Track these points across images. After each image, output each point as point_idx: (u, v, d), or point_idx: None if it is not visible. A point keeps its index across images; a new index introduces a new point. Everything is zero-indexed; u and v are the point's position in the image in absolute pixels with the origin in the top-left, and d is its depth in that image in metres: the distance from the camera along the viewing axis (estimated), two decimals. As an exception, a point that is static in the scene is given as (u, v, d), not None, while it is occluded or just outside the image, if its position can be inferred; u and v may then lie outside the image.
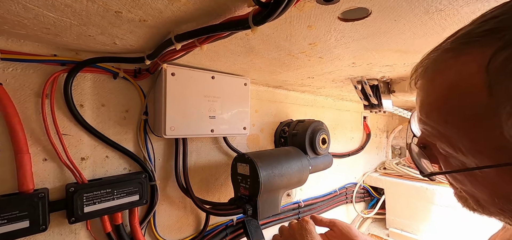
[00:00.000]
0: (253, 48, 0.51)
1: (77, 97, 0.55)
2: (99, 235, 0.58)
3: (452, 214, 1.27)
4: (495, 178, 0.24)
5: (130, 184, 0.58)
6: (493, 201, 0.26)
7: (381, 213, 1.55)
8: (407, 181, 1.42)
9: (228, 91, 0.70)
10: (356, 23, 0.39)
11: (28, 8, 0.33)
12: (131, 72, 0.61)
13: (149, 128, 0.65)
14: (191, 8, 0.34)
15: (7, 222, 0.45)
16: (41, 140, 0.51)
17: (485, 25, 0.22)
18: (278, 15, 0.30)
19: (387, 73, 0.75)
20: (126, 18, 0.37)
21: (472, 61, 0.22)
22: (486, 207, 0.28)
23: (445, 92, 0.25)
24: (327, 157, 0.95)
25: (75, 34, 0.43)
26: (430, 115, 0.27)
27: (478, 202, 0.28)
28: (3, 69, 0.47)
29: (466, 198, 0.30)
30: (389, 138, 1.87)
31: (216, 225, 0.81)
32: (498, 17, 0.22)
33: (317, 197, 1.21)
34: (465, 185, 0.28)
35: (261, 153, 0.73)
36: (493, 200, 0.26)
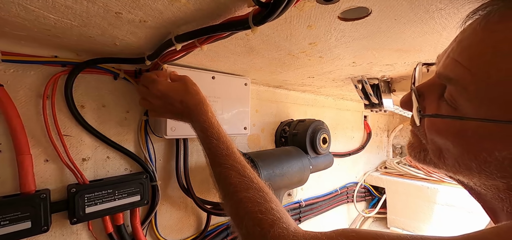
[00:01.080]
0: (253, 48, 0.51)
1: (78, 98, 0.55)
2: (101, 236, 0.59)
3: (453, 213, 1.26)
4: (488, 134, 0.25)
5: (131, 185, 0.58)
6: (460, 155, 0.28)
7: (382, 212, 1.55)
8: (408, 180, 1.42)
9: (228, 91, 0.70)
10: (356, 23, 0.39)
11: (28, 9, 0.34)
12: (131, 73, 0.61)
13: (150, 129, 0.65)
14: (191, 8, 0.34)
15: (9, 223, 0.45)
16: (42, 141, 0.51)
17: None
18: (278, 15, 0.30)
19: (388, 72, 0.75)
20: (127, 19, 0.37)
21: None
22: (444, 160, 0.30)
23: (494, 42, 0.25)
24: (328, 156, 0.95)
25: (75, 35, 0.43)
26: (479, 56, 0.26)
27: (440, 155, 0.30)
28: (4, 70, 0.47)
29: (424, 150, 0.33)
30: (390, 137, 1.87)
31: (217, 225, 0.81)
32: None
33: (318, 197, 1.21)
34: (443, 136, 0.30)
35: (262, 153, 0.73)
36: (462, 155, 0.28)
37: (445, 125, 0.29)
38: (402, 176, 1.48)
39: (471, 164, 0.27)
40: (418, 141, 0.34)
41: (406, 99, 0.35)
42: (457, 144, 0.28)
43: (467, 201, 1.21)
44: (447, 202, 1.28)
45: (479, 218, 1.18)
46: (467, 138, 0.27)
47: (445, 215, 1.29)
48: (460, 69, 0.27)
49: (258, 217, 0.37)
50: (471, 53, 0.27)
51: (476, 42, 0.27)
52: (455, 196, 1.25)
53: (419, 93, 0.34)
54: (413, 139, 0.36)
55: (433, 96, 0.32)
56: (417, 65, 0.37)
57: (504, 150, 0.25)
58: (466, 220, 1.22)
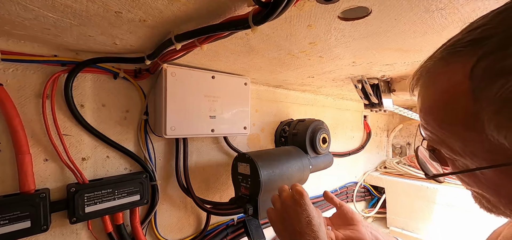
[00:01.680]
0: (253, 47, 0.51)
1: (77, 98, 0.55)
2: (100, 235, 0.59)
3: (453, 213, 1.26)
4: (495, 178, 0.25)
5: (131, 184, 0.58)
6: (499, 200, 0.27)
7: (381, 212, 1.55)
8: (408, 180, 1.42)
9: (228, 90, 0.70)
10: (356, 22, 0.39)
11: (28, 8, 0.33)
12: (131, 72, 0.61)
13: (150, 128, 0.65)
14: (191, 8, 0.34)
15: (8, 222, 0.45)
16: (42, 141, 0.51)
17: (470, 35, 0.24)
18: (278, 14, 0.30)
19: (388, 72, 0.75)
20: (126, 18, 0.37)
21: (459, 70, 0.24)
22: (496, 206, 0.28)
23: (438, 98, 0.26)
24: (327, 156, 0.95)
25: (75, 34, 0.43)
26: (428, 120, 0.28)
27: (489, 202, 0.29)
28: (3, 70, 0.47)
29: (480, 199, 0.31)
30: (389, 137, 1.87)
31: (217, 225, 0.81)
32: (480, 27, 0.23)
33: (318, 197, 1.21)
34: (473, 186, 0.29)
35: (262, 152, 0.73)
36: (499, 200, 0.27)
37: (466, 178, 0.29)
38: (401, 176, 1.48)
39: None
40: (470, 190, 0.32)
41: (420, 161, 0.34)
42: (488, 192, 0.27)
43: (466, 201, 1.21)
44: (447, 202, 1.28)
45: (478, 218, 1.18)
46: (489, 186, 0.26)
47: (445, 215, 1.29)
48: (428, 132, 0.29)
49: None
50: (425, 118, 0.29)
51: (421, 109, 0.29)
52: (455, 195, 1.25)
53: (432, 149, 0.33)
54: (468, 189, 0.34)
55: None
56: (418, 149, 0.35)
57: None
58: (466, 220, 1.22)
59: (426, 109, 0.28)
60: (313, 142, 0.87)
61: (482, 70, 0.22)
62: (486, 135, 0.22)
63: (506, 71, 0.20)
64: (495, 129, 0.21)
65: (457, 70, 0.24)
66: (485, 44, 0.22)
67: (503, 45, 0.21)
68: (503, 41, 0.21)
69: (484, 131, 0.22)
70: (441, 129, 0.27)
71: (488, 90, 0.21)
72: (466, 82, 0.23)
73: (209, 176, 0.79)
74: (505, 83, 0.20)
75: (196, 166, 0.76)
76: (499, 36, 0.21)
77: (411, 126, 1.83)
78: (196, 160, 0.76)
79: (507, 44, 0.20)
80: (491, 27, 0.22)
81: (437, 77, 0.27)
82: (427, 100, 0.28)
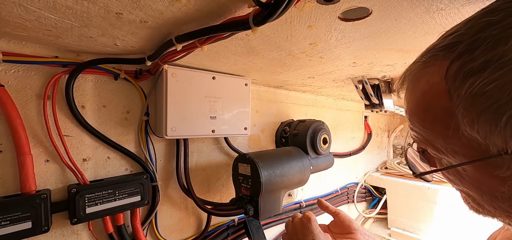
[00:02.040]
0: (253, 48, 0.51)
1: (78, 99, 0.55)
2: (101, 236, 0.59)
3: (454, 213, 1.26)
4: (475, 174, 0.26)
5: (132, 185, 0.58)
6: (482, 198, 0.28)
7: (382, 212, 1.55)
8: (409, 180, 1.42)
9: (229, 91, 0.70)
10: (356, 23, 0.39)
11: (29, 10, 0.34)
12: (132, 73, 0.62)
13: (150, 129, 0.66)
14: (192, 9, 0.35)
15: (9, 223, 0.45)
16: (43, 142, 0.51)
17: (445, 40, 0.26)
18: (278, 15, 0.30)
19: (388, 72, 0.75)
20: (127, 19, 0.37)
21: (436, 72, 0.26)
22: (481, 205, 0.30)
23: (420, 99, 0.28)
24: (328, 157, 0.95)
25: (76, 35, 0.43)
26: (413, 121, 0.30)
27: (474, 200, 0.30)
28: (5, 71, 0.47)
29: (467, 199, 0.32)
30: (390, 138, 1.87)
31: (217, 226, 0.81)
32: (455, 33, 0.25)
33: (319, 197, 1.21)
34: (458, 184, 0.31)
35: (262, 153, 0.73)
36: (482, 197, 0.28)
37: (451, 175, 0.31)
38: (402, 176, 1.48)
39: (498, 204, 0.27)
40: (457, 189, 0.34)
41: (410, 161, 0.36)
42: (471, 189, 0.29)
43: (468, 202, 1.21)
44: (448, 202, 1.27)
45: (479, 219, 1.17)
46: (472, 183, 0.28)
47: (446, 216, 1.29)
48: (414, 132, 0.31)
49: None
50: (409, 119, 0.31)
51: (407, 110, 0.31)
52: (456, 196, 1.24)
53: (421, 149, 0.34)
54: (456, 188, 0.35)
55: None
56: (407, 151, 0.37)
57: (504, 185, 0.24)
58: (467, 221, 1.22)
59: (411, 110, 0.30)
60: (313, 143, 0.87)
61: (455, 72, 0.24)
62: (462, 132, 0.24)
63: (474, 71, 0.22)
64: (468, 124, 0.23)
65: (435, 72, 0.26)
66: (457, 48, 0.24)
67: (470, 49, 0.23)
68: (470, 46, 0.23)
69: (460, 128, 0.24)
70: (425, 129, 0.29)
71: (460, 89, 0.23)
72: (442, 83, 0.25)
73: (209, 176, 0.79)
74: (474, 81, 0.22)
75: (196, 166, 0.76)
76: (467, 41, 0.23)
77: (412, 126, 1.83)
78: (197, 161, 0.76)
79: (473, 48, 0.23)
80: (461, 33, 0.25)
81: (418, 79, 0.29)
82: (411, 102, 0.30)
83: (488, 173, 0.25)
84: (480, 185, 0.27)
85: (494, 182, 0.25)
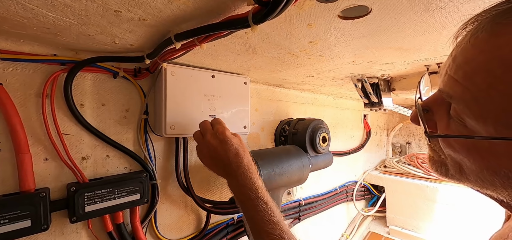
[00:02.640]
0: (253, 46, 0.51)
1: (77, 97, 0.55)
2: (101, 234, 0.59)
3: (453, 211, 1.27)
4: (502, 150, 0.24)
5: (131, 183, 0.58)
6: (480, 171, 0.27)
7: (381, 211, 1.56)
8: (408, 179, 1.42)
9: (228, 90, 0.70)
10: (356, 21, 0.39)
11: (27, 8, 0.33)
12: (131, 72, 0.61)
13: (150, 127, 0.65)
14: (191, 7, 0.34)
15: (8, 222, 0.45)
16: (42, 140, 0.51)
17: None
18: (277, 13, 0.29)
19: (387, 71, 0.75)
20: (126, 17, 0.37)
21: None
22: (466, 175, 0.29)
23: (505, 55, 0.23)
24: (327, 155, 0.95)
25: (74, 33, 0.43)
26: (473, 75, 0.25)
27: (460, 170, 0.29)
28: (3, 69, 0.47)
29: (444, 164, 0.32)
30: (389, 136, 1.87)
31: (216, 224, 0.81)
32: None
33: (318, 195, 1.21)
34: (458, 152, 0.29)
35: (262, 151, 0.73)
36: (481, 171, 0.27)
37: (458, 142, 0.28)
38: (401, 175, 1.48)
39: (493, 179, 0.26)
40: (437, 155, 0.33)
41: (414, 115, 0.34)
42: (474, 161, 0.27)
43: (467, 200, 1.22)
44: (447, 201, 1.28)
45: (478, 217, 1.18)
46: (483, 155, 0.26)
47: (445, 214, 1.29)
48: (459, 87, 0.26)
49: None
50: (466, 71, 0.26)
51: (468, 60, 0.26)
52: (455, 195, 1.25)
53: (427, 108, 0.32)
54: (432, 153, 0.34)
55: (441, 112, 0.30)
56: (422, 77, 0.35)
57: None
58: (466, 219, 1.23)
59: (479, 63, 0.25)
60: (313, 141, 0.87)
61: None
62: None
63: None
64: None
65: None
66: None
67: None
68: None
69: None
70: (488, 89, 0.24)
71: None
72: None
73: (209, 175, 0.79)
74: None
75: (196, 165, 0.76)
76: None
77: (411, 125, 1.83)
78: (196, 159, 0.76)
79: None
80: None
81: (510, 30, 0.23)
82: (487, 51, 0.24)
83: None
84: (493, 160, 0.25)
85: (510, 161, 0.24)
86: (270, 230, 0.45)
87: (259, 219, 0.47)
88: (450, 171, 0.31)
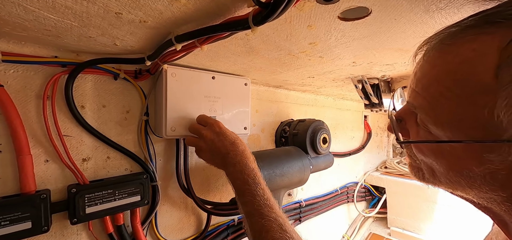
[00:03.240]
0: (253, 48, 0.51)
1: (78, 99, 0.55)
2: (101, 236, 0.59)
3: (454, 213, 1.26)
4: (461, 152, 0.27)
5: (132, 185, 0.58)
6: (447, 173, 0.29)
7: (382, 212, 1.55)
8: (409, 180, 1.42)
9: (228, 91, 0.70)
10: (356, 23, 0.39)
11: (28, 10, 0.34)
12: (131, 73, 0.61)
13: (150, 129, 0.65)
14: (191, 8, 0.34)
15: (9, 223, 0.45)
16: (43, 142, 0.51)
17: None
18: (278, 15, 0.30)
19: (388, 72, 0.75)
20: (127, 19, 0.37)
21: (491, 40, 0.23)
22: (438, 178, 0.32)
23: (455, 66, 0.26)
24: (328, 156, 0.95)
25: (75, 35, 0.43)
26: (428, 87, 0.29)
27: (433, 173, 0.32)
28: (4, 71, 0.47)
29: (420, 169, 0.35)
30: (390, 137, 1.87)
31: (217, 225, 0.81)
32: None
33: (318, 197, 1.21)
34: (427, 156, 0.31)
35: (262, 153, 0.73)
36: (448, 173, 0.29)
37: (427, 148, 0.31)
38: (402, 176, 1.48)
39: (459, 180, 0.28)
40: (414, 161, 0.36)
41: (390, 125, 0.37)
42: (441, 164, 0.30)
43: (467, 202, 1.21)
44: (448, 202, 1.27)
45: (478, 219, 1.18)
46: (447, 158, 0.29)
47: (446, 215, 1.29)
48: (419, 97, 0.30)
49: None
50: (423, 84, 0.29)
51: (424, 74, 0.29)
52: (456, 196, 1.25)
53: (400, 118, 0.36)
54: (410, 159, 0.37)
55: (411, 121, 0.34)
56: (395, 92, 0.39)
57: (480, 166, 0.25)
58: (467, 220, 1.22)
59: (434, 74, 0.28)
60: (313, 142, 0.87)
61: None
62: (489, 112, 0.23)
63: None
64: (506, 108, 0.22)
65: (489, 40, 0.23)
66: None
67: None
68: None
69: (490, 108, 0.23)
70: (441, 97, 0.27)
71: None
72: (494, 56, 0.22)
73: (209, 176, 0.79)
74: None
75: (196, 166, 0.76)
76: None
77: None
78: (197, 161, 0.76)
79: None
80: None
81: (462, 43, 0.25)
82: (439, 65, 0.27)
83: (476, 154, 0.25)
84: (455, 162, 0.28)
85: (473, 162, 0.26)
86: (266, 213, 0.47)
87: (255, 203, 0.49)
88: (426, 175, 0.34)
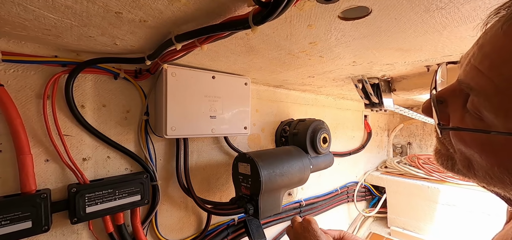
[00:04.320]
0: (253, 47, 0.51)
1: (78, 98, 0.55)
2: (101, 235, 0.59)
3: (454, 212, 1.26)
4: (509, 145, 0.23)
5: (132, 184, 0.58)
6: (491, 168, 0.26)
7: (382, 212, 1.55)
8: (409, 179, 1.42)
9: (228, 90, 0.70)
10: (356, 22, 0.39)
11: (28, 9, 0.34)
12: (131, 73, 0.61)
13: (150, 128, 0.66)
14: (191, 8, 0.34)
15: (10, 223, 0.45)
16: (43, 141, 0.51)
17: None
18: (278, 14, 0.29)
19: (388, 71, 0.75)
20: (127, 18, 0.37)
21: None
22: (474, 171, 0.28)
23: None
24: (328, 156, 0.95)
25: (75, 35, 0.43)
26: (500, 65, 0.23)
27: (469, 165, 0.28)
28: (4, 70, 0.47)
29: (451, 159, 0.30)
30: (390, 137, 1.87)
31: (217, 225, 0.81)
32: None
33: (318, 196, 1.21)
34: (469, 147, 0.27)
35: (262, 152, 0.73)
36: (493, 168, 0.25)
37: (471, 137, 0.27)
38: (402, 175, 1.48)
39: (503, 177, 0.25)
40: (445, 148, 0.31)
41: (427, 106, 0.32)
42: (486, 157, 0.26)
43: (468, 201, 1.21)
44: (448, 201, 1.27)
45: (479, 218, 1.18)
46: (497, 152, 0.25)
47: (446, 215, 1.29)
48: (482, 78, 0.24)
49: None
50: (493, 61, 0.24)
51: (498, 48, 0.23)
52: (456, 195, 1.25)
53: (441, 99, 0.30)
54: (440, 146, 0.32)
55: (457, 104, 0.29)
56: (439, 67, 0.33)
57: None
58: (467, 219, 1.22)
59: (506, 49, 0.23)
60: (313, 142, 0.87)
61: None
62: None
63: None
64: None
65: None
66: None
67: None
68: None
69: None
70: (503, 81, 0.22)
71: None
72: None
73: (209, 176, 0.79)
74: None
75: (196, 166, 0.76)
76: None
77: (412, 125, 1.83)
78: (197, 160, 0.76)
79: None
80: None
81: None
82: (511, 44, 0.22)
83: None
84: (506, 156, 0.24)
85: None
86: None
87: None
88: (457, 166, 0.30)
